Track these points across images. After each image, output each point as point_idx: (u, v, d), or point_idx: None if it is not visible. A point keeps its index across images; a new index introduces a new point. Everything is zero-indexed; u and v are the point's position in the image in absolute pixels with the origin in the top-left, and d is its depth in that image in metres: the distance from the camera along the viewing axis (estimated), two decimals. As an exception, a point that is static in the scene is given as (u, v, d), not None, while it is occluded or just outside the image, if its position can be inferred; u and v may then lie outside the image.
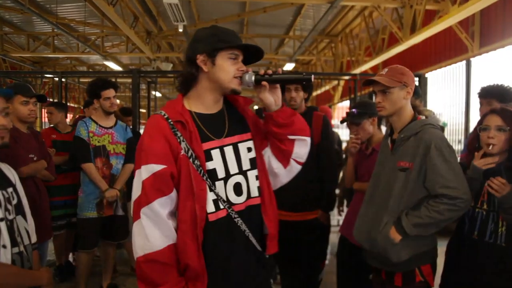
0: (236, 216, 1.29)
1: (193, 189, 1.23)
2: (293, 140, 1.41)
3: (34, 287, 1.46)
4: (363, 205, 1.93)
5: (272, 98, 1.35)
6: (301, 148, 1.44)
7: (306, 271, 2.87)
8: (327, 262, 3.98)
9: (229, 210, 1.29)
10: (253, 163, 1.39)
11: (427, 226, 1.65)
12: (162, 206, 1.22)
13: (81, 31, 9.19)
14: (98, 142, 2.97)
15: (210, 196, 1.27)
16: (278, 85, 1.36)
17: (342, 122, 2.64)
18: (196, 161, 1.25)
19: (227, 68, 1.30)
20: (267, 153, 1.46)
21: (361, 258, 2.11)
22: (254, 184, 1.37)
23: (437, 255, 1.81)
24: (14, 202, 1.47)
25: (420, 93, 3.15)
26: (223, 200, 1.28)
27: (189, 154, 1.25)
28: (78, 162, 2.93)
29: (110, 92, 2.98)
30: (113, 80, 7.56)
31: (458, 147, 6.38)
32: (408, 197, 1.69)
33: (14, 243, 1.39)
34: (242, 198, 1.33)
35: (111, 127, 3.06)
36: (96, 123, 3.00)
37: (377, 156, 2.07)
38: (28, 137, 2.64)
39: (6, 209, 1.40)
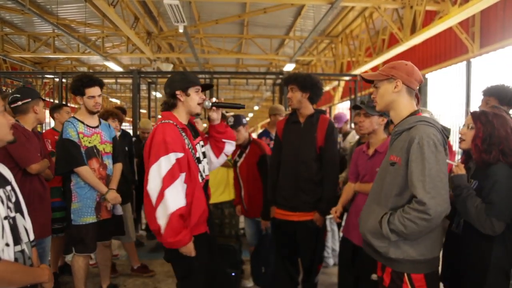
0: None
1: (191, 167, 2.01)
2: (225, 142, 2.31)
3: (35, 285, 1.46)
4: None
5: (216, 116, 2.23)
6: (229, 147, 2.35)
7: (303, 273, 2.89)
8: (332, 262, 4.00)
9: (204, 181, 2.13)
10: (204, 154, 2.23)
11: (406, 234, 1.56)
12: (182, 179, 1.94)
13: (82, 31, 9.20)
14: (89, 142, 2.81)
15: (200, 170, 2.09)
16: (220, 109, 2.24)
17: (354, 108, 2.64)
18: (192, 151, 2.05)
19: (194, 97, 2.08)
20: (208, 149, 2.30)
21: (363, 259, 2.11)
22: (206, 166, 2.21)
23: (437, 267, 1.73)
24: (13, 200, 1.48)
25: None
26: (202, 174, 2.11)
27: (190, 147, 2.03)
28: (72, 165, 2.73)
29: (95, 90, 2.79)
30: (114, 80, 7.62)
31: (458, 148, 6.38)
32: (400, 192, 1.63)
33: (16, 241, 1.40)
34: (205, 174, 2.17)
35: (97, 126, 2.90)
36: (83, 123, 2.81)
37: (381, 157, 2.06)
38: (33, 137, 2.74)
39: (8, 207, 1.41)
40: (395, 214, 1.60)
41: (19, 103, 2.69)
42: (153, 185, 1.89)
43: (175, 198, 1.88)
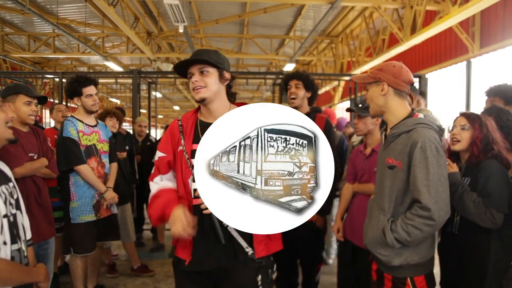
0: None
1: (182, 174, 1.62)
2: None
3: (30, 284, 1.47)
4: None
5: None
6: None
7: (303, 273, 2.88)
8: (331, 262, 4.00)
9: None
10: None
11: (409, 242, 1.55)
12: (159, 180, 1.68)
13: (82, 31, 9.20)
14: (89, 141, 2.85)
15: (193, 185, 1.57)
16: None
17: (347, 110, 2.64)
18: (186, 155, 1.61)
19: (191, 86, 1.63)
20: None
21: (363, 259, 2.11)
22: None
23: (433, 266, 1.72)
24: (15, 197, 1.48)
25: (417, 92, 3.15)
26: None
27: (184, 149, 1.62)
28: (73, 164, 2.73)
29: (92, 89, 2.84)
30: (114, 80, 7.61)
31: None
32: (401, 197, 1.60)
33: (14, 239, 1.40)
34: None
35: (95, 125, 2.96)
36: (82, 122, 2.86)
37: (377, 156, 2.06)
38: (28, 135, 2.55)
39: (10, 203, 1.41)
40: (397, 221, 1.56)
41: None
42: None
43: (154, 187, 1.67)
